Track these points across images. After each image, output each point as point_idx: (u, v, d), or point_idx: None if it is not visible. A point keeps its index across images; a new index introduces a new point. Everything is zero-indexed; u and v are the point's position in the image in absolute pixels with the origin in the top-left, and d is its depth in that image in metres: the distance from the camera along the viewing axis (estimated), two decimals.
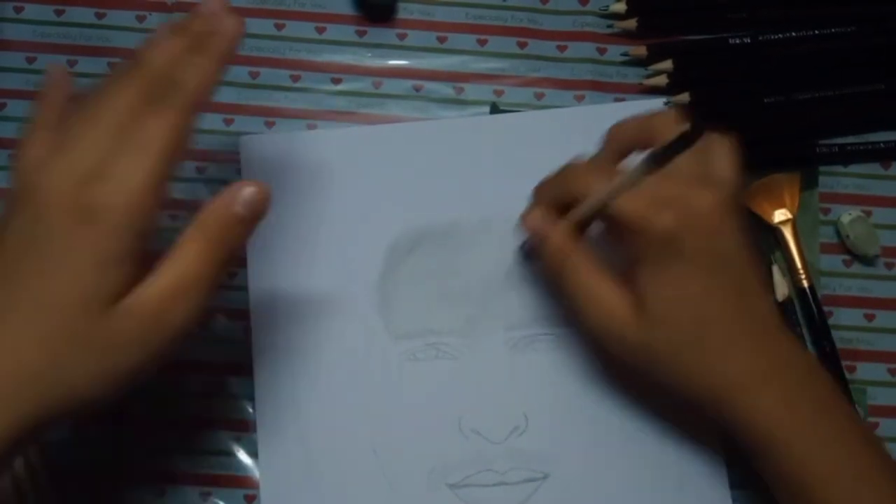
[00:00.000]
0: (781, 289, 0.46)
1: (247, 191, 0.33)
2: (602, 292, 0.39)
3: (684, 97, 0.48)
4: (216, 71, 0.33)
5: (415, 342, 0.45)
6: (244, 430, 0.45)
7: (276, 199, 0.40)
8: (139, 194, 0.31)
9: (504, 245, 0.46)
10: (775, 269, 0.46)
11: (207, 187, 0.48)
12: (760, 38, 0.48)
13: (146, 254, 0.32)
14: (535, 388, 0.45)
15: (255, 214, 0.33)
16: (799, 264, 0.46)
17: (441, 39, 0.50)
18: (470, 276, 0.46)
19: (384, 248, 0.46)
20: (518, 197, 0.46)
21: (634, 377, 0.40)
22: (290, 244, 0.46)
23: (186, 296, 0.32)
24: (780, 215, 0.46)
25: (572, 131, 0.47)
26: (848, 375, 0.46)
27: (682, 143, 0.34)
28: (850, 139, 0.48)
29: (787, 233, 0.46)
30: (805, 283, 0.46)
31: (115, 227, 0.31)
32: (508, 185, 0.46)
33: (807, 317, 0.46)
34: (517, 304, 0.45)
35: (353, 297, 0.45)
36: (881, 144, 0.48)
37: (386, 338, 0.45)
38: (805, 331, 0.46)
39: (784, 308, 0.46)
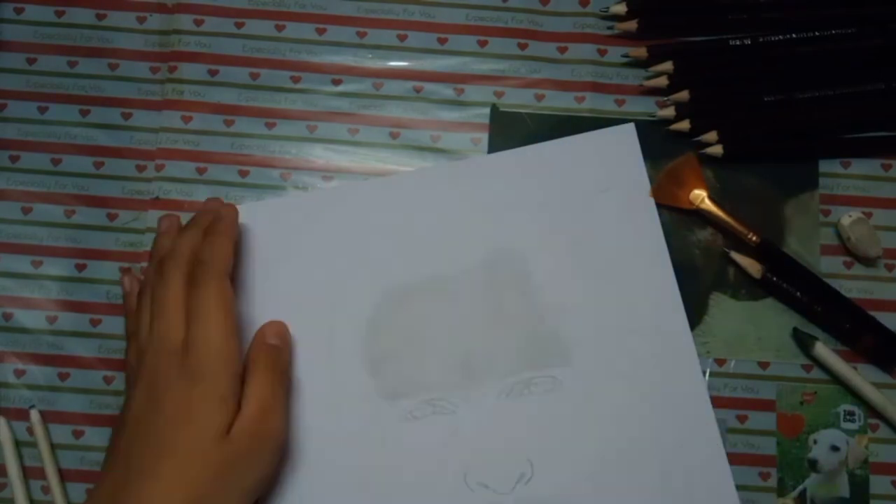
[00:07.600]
0: (753, 267, 0.46)
1: (272, 327, 0.43)
2: None
3: (683, 95, 0.48)
4: (229, 244, 0.42)
5: (410, 401, 0.44)
6: None
7: (255, 271, 0.46)
8: (222, 349, 0.39)
9: (486, 293, 0.45)
10: (734, 255, 0.46)
11: (207, 187, 0.48)
12: (761, 39, 0.48)
13: None
14: (535, 433, 0.44)
15: (286, 342, 0.44)
16: (739, 227, 0.46)
17: (441, 41, 0.50)
18: (456, 329, 0.45)
19: (367, 312, 0.45)
20: (493, 241, 0.45)
21: None
22: (277, 316, 0.45)
23: (271, 412, 0.40)
24: (695, 196, 0.46)
25: (542, 168, 0.47)
26: None
27: None
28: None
29: (710, 206, 0.46)
30: (755, 239, 0.46)
31: (216, 378, 0.39)
32: (484, 231, 0.46)
33: (779, 270, 0.46)
34: (506, 350, 0.45)
35: (342, 364, 0.45)
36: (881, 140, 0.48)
37: (380, 401, 0.44)
38: (790, 286, 0.46)
39: (767, 282, 0.46)
